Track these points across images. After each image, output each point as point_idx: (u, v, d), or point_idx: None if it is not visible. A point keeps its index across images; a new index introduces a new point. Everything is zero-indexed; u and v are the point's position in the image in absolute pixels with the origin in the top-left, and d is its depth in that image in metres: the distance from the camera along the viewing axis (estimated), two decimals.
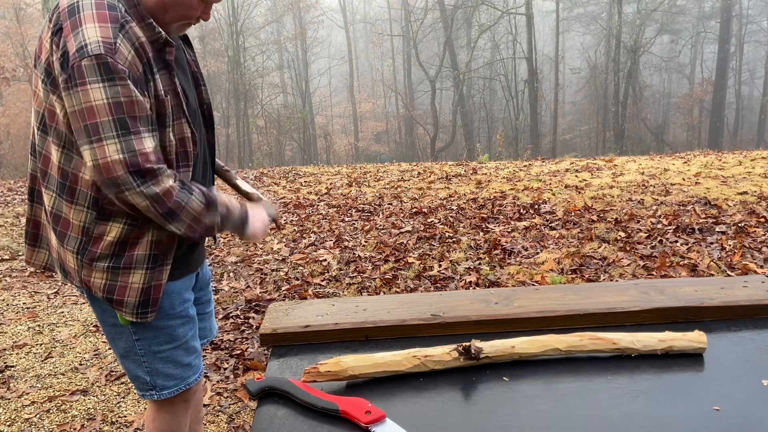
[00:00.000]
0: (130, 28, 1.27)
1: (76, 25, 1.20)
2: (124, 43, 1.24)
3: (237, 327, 3.69)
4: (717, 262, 4.11)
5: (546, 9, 29.50)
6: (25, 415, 2.61)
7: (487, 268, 4.39)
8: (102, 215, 1.33)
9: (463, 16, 26.11)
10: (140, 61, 1.27)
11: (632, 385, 0.97)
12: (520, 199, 6.42)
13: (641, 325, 1.17)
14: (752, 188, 5.92)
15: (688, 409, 0.90)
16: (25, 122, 21.43)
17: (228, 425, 2.57)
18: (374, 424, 0.88)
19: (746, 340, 1.10)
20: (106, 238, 1.33)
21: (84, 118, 1.19)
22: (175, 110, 1.36)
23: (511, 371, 1.02)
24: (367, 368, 1.00)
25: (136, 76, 1.26)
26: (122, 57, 1.23)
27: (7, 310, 3.78)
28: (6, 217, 6.79)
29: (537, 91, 24.45)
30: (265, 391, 0.99)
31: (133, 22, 1.28)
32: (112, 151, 1.20)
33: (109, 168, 1.20)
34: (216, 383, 2.93)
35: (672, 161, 8.33)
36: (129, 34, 1.26)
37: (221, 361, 3.19)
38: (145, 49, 1.28)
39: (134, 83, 1.25)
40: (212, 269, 4.86)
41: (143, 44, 1.28)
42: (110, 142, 1.20)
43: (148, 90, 1.29)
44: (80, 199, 1.33)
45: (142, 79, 1.27)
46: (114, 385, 2.88)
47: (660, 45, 28.92)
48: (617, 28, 21.99)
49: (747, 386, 0.95)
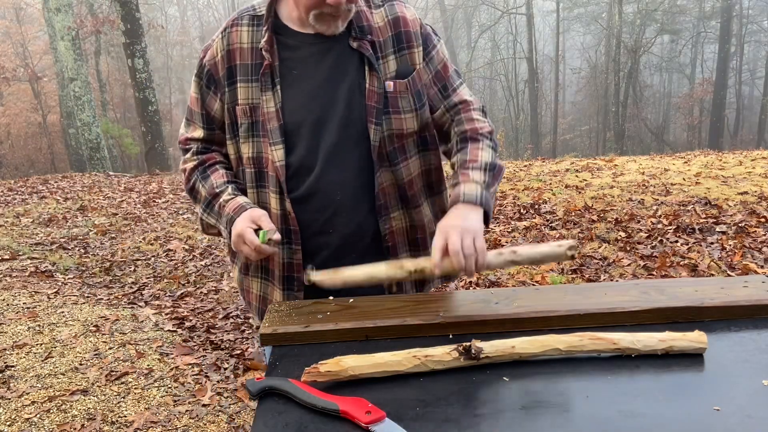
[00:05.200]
0: (233, 31, 1.39)
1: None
2: (219, 44, 1.40)
3: (237, 327, 3.70)
4: (717, 262, 4.11)
5: (546, 9, 29.48)
6: (25, 415, 2.61)
7: None
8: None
9: (464, 16, 26.10)
10: (225, 64, 1.39)
11: (632, 385, 0.97)
12: (521, 198, 6.42)
13: (641, 325, 1.17)
14: (752, 188, 5.91)
15: (688, 409, 0.90)
16: (25, 122, 21.43)
17: (228, 425, 2.58)
18: (374, 424, 0.88)
19: (746, 340, 1.10)
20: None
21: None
22: (252, 126, 1.40)
23: (511, 371, 1.02)
24: (367, 368, 1.00)
25: (216, 77, 1.41)
26: (210, 55, 1.41)
27: (7, 310, 3.78)
28: (6, 217, 6.79)
29: (537, 91, 24.45)
30: (265, 391, 0.99)
31: (244, 26, 1.38)
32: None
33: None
34: (216, 383, 2.93)
35: (672, 161, 8.32)
36: (229, 36, 1.39)
37: (221, 361, 3.19)
38: (236, 54, 1.39)
39: (208, 82, 1.43)
40: (213, 269, 4.87)
41: (237, 49, 1.38)
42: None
43: (221, 94, 1.42)
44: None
45: (222, 83, 1.41)
46: (114, 385, 2.88)
47: (660, 45, 28.91)
48: (617, 28, 21.99)
49: (747, 386, 0.95)
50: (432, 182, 1.53)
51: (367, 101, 1.38)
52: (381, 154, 1.41)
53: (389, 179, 1.44)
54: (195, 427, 2.56)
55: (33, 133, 21.83)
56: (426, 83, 1.46)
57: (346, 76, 1.39)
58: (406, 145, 1.45)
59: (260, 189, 1.45)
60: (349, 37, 1.39)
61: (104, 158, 12.90)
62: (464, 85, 1.53)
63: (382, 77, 1.39)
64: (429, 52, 1.47)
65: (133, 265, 5.04)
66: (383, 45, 1.41)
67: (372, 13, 1.43)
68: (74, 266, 4.97)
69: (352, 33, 1.39)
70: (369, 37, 1.39)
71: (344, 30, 1.38)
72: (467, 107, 1.48)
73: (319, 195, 1.40)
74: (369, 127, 1.38)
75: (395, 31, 1.42)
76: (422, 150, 1.49)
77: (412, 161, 1.47)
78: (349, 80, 1.39)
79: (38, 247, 5.54)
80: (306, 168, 1.40)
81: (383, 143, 1.40)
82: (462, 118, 1.48)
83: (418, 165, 1.48)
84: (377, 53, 1.40)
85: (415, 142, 1.47)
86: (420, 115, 1.44)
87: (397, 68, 1.41)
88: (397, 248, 1.49)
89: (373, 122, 1.38)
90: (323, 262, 1.40)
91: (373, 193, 1.42)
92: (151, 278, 4.71)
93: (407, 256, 1.50)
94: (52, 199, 7.92)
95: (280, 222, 1.42)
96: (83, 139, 12.95)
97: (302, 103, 1.39)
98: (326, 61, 1.39)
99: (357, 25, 1.39)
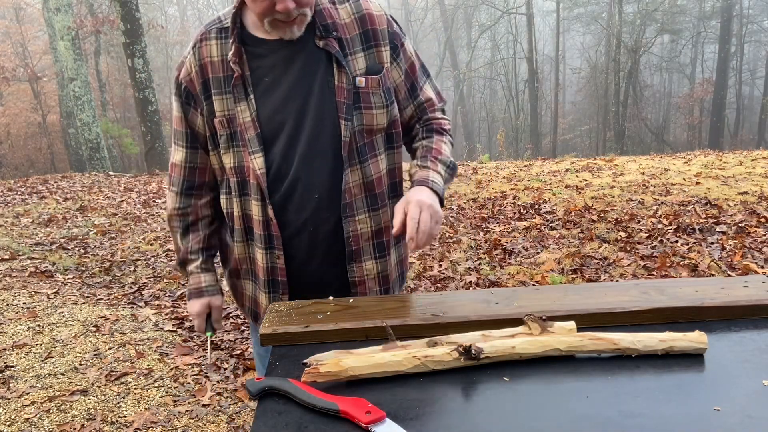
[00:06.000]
0: (203, 46, 1.41)
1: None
2: (191, 60, 1.42)
3: (237, 327, 3.70)
4: (717, 262, 4.11)
5: (546, 9, 29.48)
6: (25, 415, 2.61)
7: (488, 268, 4.39)
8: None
9: (464, 16, 26.12)
10: (200, 79, 1.41)
11: (632, 385, 0.97)
12: (521, 199, 6.42)
13: (642, 325, 1.17)
14: (753, 188, 5.91)
15: (688, 409, 0.90)
16: (25, 122, 21.42)
17: (228, 425, 2.58)
18: (374, 424, 0.88)
19: (746, 340, 1.10)
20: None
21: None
22: (231, 137, 1.43)
23: (511, 371, 1.02)
24: (367, 368, 1.00)
25: (194, 93, 1.43)
26: (185, 72, 1.43)
27: (7, 310, 3.78)
28: (6, 217, 6.79)
29: (537, 91, 24.45)
30: (265, 391, 0.99)
31: (212, 40, 1.40)
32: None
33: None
34: (216, 383, 2.93)
35: (672, 161, 8.32)
36: (200, 51, 1.41)
37: (221, 361, 3.19)
38: (207, 68, 1.41)
39: (187, 99, 1.45)
40: None
41: (208, 63, 1.40)
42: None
43: (201, 109, 1.44)
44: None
45: (200, 98, 1.43)
46: (114, 385, 2.88)
47: (660, 45, 28.91)
48: (617, 28, 21.99)
49: (747, 386, 0.95)
50: (395, 182, 1.56)
51: (337, 98, 1.40)
52: (351, 150, 1.43)
53: (357, 178, 1.46)
54: (195, 427, 2.56)
55: (33, 133, 21.83)
56: (397, 82, 1.50)
57: (316, 76, 1.41)
58: (375, 142, 1.47)
59: (243, 197, 1.48)
60: (314, 37, 1.40)
61: (104, 158, 12.90)
62: (429, 81, 1.58)
63: (351, 74, 1.41)
64: (397, 52, 1.49)
65: (132, 265, 5.05)
66: (351, 42, 1.43)
67: (336, 9, 1.44)
68: (74, 266, 4.98)
69: (316, 32, 1.40)
70: (335, 34, 1.41)
71: (308, 31, 1.40)
72: (432, 105, 1.57)
73: (296, 196, 1.43)
74: (339, 123, 1.40)
75: (362, 29, 1.44)
76: (388, 148, 1.52)
77: (380, 158, 1.49)
78: (319, 79, 1.41)
79: (38, 247, 5.54)
80: (284, 171, 1.43)
81: (353, 139, 1.43)
82: (428, 116, 1.57)
83: (385, 163, 1.51)
84: (345, 50, 1.42)
85: (383, 138, 1.50)
86: (389, 111, 1.47)
87: (367, 65, 1.43)
88: (361, 252, 1.50)
89: (343, 118, 1.40)
90: (304, 262, 1.47)
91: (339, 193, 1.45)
92: (151, 278, 4.72)
93: (371, 260, 1.52)
94: (52, 199, 7.92)
95: (262, 228, 1.46)
96: (83, 139, 12.95)
97: (276, 109, 1.41)
98: (295, 64, 1.40)
99: (321, 24, 1.40)
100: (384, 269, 1.54)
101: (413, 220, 1.31)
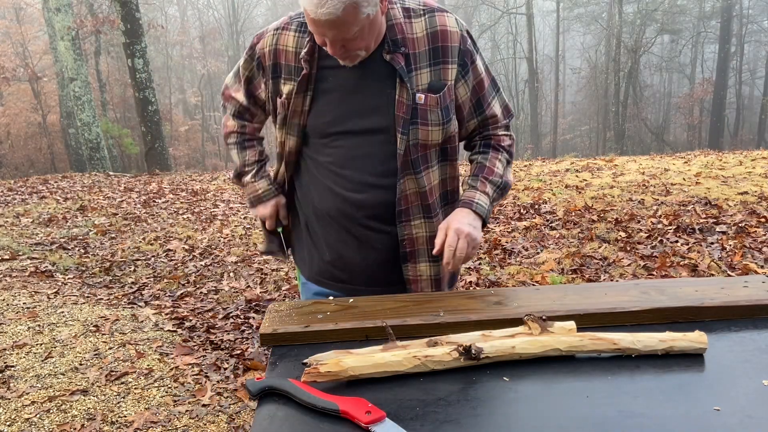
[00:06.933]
0: (283, 33, 1.52)
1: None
2: (270, 39, 1.53)
3: (237, 327, 3.70)
4: (717, 262, 4.11)
5: (546, 9, 29.50)
6: (25, 415, 2.61)
7: (488, 268, 4.39)
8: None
9: (464, 16, 26.11)
10: (271, 60, 1.53)
11: (632, 385, 0.97)
12: (521, 199, 6.42)
13: (642, 325, 1.17)
14: (753, 188, 5.91)
15: (688, 409, 0.90)
16: (25, 122, 21.42)
17: (228, 425, 2.58)
18: (374, 424, 0.88)
19: (746, 340, 1.10)
20: None
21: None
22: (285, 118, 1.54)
23: (511, 371, 1.02)
24: (367, 368, 1.00)
25: (264, 65, 1.55)
26: (262, 45, 1.54)
27: (7, 310, 3.78)
28: (6, 217, 6.79)
29: (537, 91, 24.45)
30: (265, 391, 0.99)
31: (291, 32, 1.51)
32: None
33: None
34: (216, 383, 2.93)
35: (672, 161, 8.33)
36: (279, 36, 1.52)
37: (221, 361, 3.19)
38: (281, 54, 1.51)
39: (257, 65, 1.57)
40: (212, 269, 4.87)
41: (282, 51, 1.51)
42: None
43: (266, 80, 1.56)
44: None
45: (268, 72, 1.55)
46: (114, 385, 2.88)
47: (660, 45, 28.91)
48: (617, 28, 21.99)
49: (747, 386, 0.95)
50: (448, 191, 1.61)
51: (396, 111, 1.44)
52: (406, 161, 1.47)
53: (412, 187, 1.50)
54: (195, 427, 2.56)
55: (33, 133, 21.82)
56: (463, 99, 1.52)
57: (377, 86, 1.45)
58: (429, 155, 1.51)
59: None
60: (383, 50, 1.43)
61: (104, 158, 12.90)
62: (497, 97, 1.60)
63: (412, 90, 1.44)
64: (466, 70, 1.50)
65: (133, 265, 5.05)
66: (418, 57, 1.45)
67: (411, 23, 1.46)
68: (74, 266, 4.98)
69: (385, 47, 1.43)
70: (403, 50, 1.43)
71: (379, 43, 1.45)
72: (495, 122, 1.60)
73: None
74: (396, 135, 1.45)
75: (433, 45, 1.46)
76: (441, 161, 1.56)
77: (433, 171, 1.54)
78: (379, 90, 1.45)
79: (38, 247, 5.54)
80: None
81: (408, 151, 1.47)
82: (489, 132, 1.61)
83: (438, 174, 1.55)
84: (410, 65, 1.44)
85: (437, 152, 1.54)
86: (446, 129, 1.50)
87: (430, 81, 1.46)
88: (416, 254, 1.57)
89: (399, 131, 1.45)
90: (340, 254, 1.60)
91: (394, 197, 1.50)
92: (151, 278, 4.71)
93: (425, 262, 1.58)
94: (52, 199, 7.92)
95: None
96: (83, 139, 12.94)
97: (328, 110, 1.49)
98: (359, 72, 1.45)
99: (390, 39, 1.43)
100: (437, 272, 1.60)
101: (450, 248, 1.42)
